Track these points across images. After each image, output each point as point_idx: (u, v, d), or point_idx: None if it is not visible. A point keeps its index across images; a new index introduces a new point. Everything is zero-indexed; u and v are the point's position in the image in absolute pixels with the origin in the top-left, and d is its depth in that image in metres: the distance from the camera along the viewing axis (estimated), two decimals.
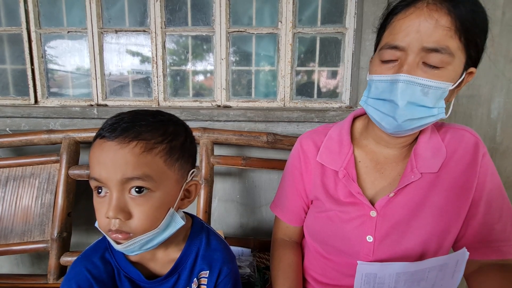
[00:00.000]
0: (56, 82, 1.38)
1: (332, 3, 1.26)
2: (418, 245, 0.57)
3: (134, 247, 0.46)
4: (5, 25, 1.32)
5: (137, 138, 0.44)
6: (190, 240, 0.56)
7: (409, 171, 0.58)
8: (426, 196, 0.58)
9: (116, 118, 0.47)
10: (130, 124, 0.45)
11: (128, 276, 0.53)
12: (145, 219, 0.45)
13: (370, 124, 0.62)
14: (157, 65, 1.30)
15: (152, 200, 0.46)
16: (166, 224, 0.48)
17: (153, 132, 0.46)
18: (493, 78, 1.18)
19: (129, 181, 0.44)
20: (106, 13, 1.29)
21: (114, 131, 0.44)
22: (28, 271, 1.40)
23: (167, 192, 0.48)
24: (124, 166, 0.43)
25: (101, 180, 0.44)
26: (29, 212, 1.06)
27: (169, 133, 0.48)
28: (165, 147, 0.47)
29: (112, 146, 0.43)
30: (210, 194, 1.04)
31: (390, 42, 0.51)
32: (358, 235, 0.60)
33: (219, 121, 1.23)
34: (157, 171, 0.46)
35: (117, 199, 0.44)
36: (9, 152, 1.27)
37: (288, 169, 0.73)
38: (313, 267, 0.70)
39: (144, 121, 0.46)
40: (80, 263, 0.53)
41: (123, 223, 0.44)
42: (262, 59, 1.32)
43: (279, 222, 0.75)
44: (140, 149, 0.44)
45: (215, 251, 0.56)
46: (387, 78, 0.52)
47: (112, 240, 0.46)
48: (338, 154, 0.64)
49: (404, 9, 0.50)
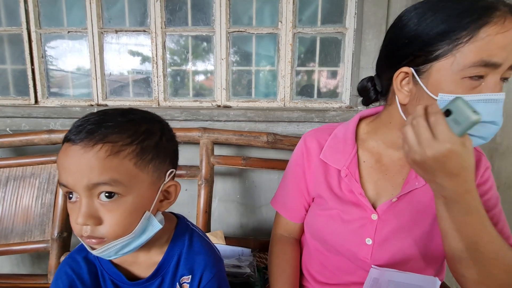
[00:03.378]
0: (56, 82, 1.38)
1: (332, 3, 1.26)
2: (418, 251, 0.57)
3: (110, 253, 0.45)
4: (5, 25, 1.32)
5: (103, 141, 0.41)
6: (173, 243, 0.54)
7: (413, 177, 0.58)
8: (428, 203, 0.57)
9: (83, 119, 0.44)
10: (95, 126, 0.42)
11: (111, 277, 0.52)
12: (116, 225, 0.43)
13: (384, 128, 0.61)
14: (157, 65, 1.31)
15: (124, 205, 0.43)
16: (142, 228, 0.46)
17: (121, 134, 0.43)
18: None
19: (96, 186, 0.41)
20: (106, 13, 1.29)
21: (79, 133, 0.42)
22: (28, 271, 1.40)
23: (141, 196, 0.45)
24: (89, 172, 0.41)
25: (68, 186, 0.42)
26: (30, 212, 1.06)
27: (140, 133, 0.45)
28: (134, 149, 0.44)
29: (77, 151, 0.41)
30: (210, 194, 1.04)
31: (487, 59, 0.44)
32: (358, 237, 0.60)
33: (219, 121, 1.23)
34: (127, 175, 0.43)
35: (86, 205, 0.42)
36: (9, 152, 1.27)
37: (291, 166, 0.73)
38: (311, 265, 0.70)
39: (112, 122, 0.43)
40: (66, 263, 0.53)
41: (95, 228, 0.42)
42: (262, 59, 1.32)
43: (279, 218, 0.75)
44: (106, 152, 0.41)
45: (198, 254, 0.53)
46: (483, 98, 0.45)
47: (86, 245, 0.45)
48: (341, 153, 0.64)
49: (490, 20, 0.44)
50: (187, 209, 1.30)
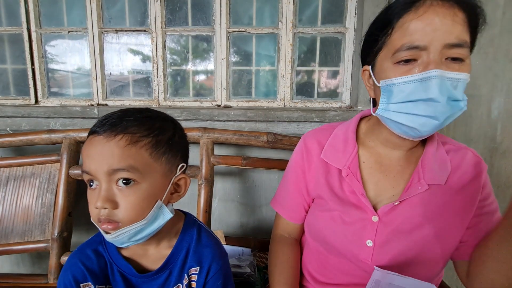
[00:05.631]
0: (56, 82, 1.38)
1: (332, 3, 1.26)
2: (419, 254, 0.57)
3: (123, 238, 0.48)
4: (5, 25, 1.32)
5: (123, 132, 0.47)
6: (182, 237, 0.57)
7: (416, 181, 0.59)
8: (429, 207, 0.58)
9: (106, 115, 0.50)
10: (117, 120, 0.48)
11: (120, 270, 0.54)
12: (131, 209, 0.47)
13: (377, 126, 0.62)
14: (157, 65, 1.31)
15: (139, 191, 0.48)
16: (154, 216, 0.49)
17: (139, 127, 0.48)
18: (493, 77, 1.18)
19: (116, 172, 0.46)
20: (106, 13, 1.30)
21: (103, 126, 0.47)
22: (29, 271, 1.40)
23: (154, 184, 0.49)
24: (111, 158, 0.46)
25: (91, 173, 0.47)
26: (30, 212, 1.06)
27: (155, 128, 0.50)
28: (150, 141, 0.49)
29: (100, 140, 0.46)
30: (210, 194, 1.04)
31: (408, 43, 0.49)
32: (358, 238, 0.60)
33: (219, 121, 1.23)
34: (143, 163, 0.47)
35: (105, 190, 0.46)
36: (9, 152, 1.27)
37: (291, 166, 0.73)
38: (312, 265, 0.70)
39: (132, 117, 0.49)
40: (75, 255, 0.55)
41: (111, 212, 0.46)
42: (262, 59, 1.32)
43: (279, 218, 0.75)
44: (126, 142, 0.46)
45: (206, 247, 0.57)
46: (416, 78, 0.49)
47: (102, 230, 0.48)
48: (342, 152, 0.64)
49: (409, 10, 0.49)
50: (188, 209, 1.30)
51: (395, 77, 0.51)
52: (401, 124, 0.53)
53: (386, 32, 0.52)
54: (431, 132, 0.53)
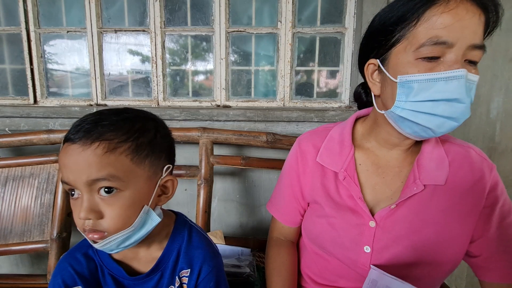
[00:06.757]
0: (55, 82, 1.38)
1: (332, 3, 1.26)
2: (418, 259, 0.55)
3: (111, 246, 0.47)
4: (4, 24, 1.32)
5: (99, 139, 0.44)
6: (172, 238, 0.56)
7: (411, 182, 0.56)
8: (429, 210, 0.56)
9: (80, 120, 0.46)
10: (92, 125, 0.45)
11: (111, 273, 0.53)
12: (117, 218, 0.45)
13: (375, 126, 0.60)
14: (156, 65, 1.30)
15: (123, 199, 0.45)
16: (141, 222, 0.48)
17: (116, 132, 0.45)
18: (492, 77, 1.18)
19: (96, 182, 0.44)
20: (105, 12, 1.29)
21: (77, 133, 0.44)
22: (28, 271, 1.40)
23: (138, 190, 0.47)
24: (88, 168, 0.43)
25: (70, 183, 0.45)
26: (29, 212, 1.06)
27: (134, 131, 0.47)
28: (130, 145, 0.46)
29: (76, 149, 0.43)
30: (209, 194, 1.04)
31: (435, 38, 0.45)
32: (356, 245, 0.58)
33: (218, 121, 1.23)
34: (124, 170, 0.45)
35: (87, 200, 0.44)
36: (8, 152, 1.27)
37: (286, 170, 0.72)
38: (310, 267, 0.69)
39: (107, 121, 0.46)
40: (65, 259, 0.54)
41: (96, 222, 0.45)
42: (261, 59, 1.32)
43: (275, 221, 0.75)
44: (103, 149, 0.44)
45: (196, 249, 0.55)
46: (443, 76, 0.46)
47: (89, 239, 0.47)
48: (338, 155, 0.62)
49: (439, 1, 0.46)
50: (187, 209, 1.31)
51: (419, 73, 0.47)
52: (415, 123, 0.50)
53: (409, 23, 0.48)
54: (445, 133, 0.51)
